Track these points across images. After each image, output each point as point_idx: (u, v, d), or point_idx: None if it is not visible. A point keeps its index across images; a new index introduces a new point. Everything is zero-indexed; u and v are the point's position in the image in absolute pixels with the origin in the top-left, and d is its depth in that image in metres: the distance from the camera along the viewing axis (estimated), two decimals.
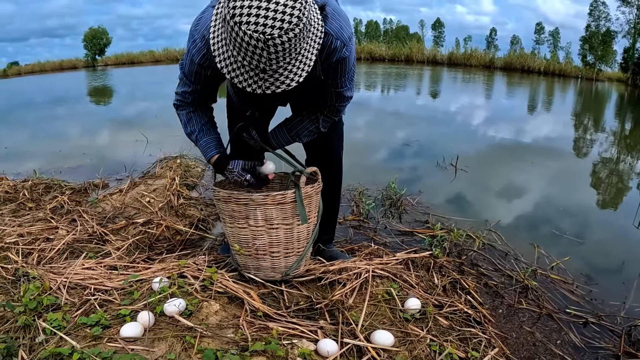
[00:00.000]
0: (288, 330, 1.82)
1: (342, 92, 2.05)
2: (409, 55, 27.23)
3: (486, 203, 4.05)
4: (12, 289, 2.10)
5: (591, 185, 4.93)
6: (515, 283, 2.59)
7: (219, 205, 2.14)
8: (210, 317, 1.84)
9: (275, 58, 1.51)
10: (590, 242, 3.27)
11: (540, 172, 5.15)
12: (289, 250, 2.13)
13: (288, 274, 2.16)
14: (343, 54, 1.86)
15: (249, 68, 1.56)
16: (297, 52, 1.56)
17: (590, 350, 2.09)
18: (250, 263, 2.16)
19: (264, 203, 1.99)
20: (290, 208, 2.03)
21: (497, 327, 2.18)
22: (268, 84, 1.59)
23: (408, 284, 2.25)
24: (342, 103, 2.13)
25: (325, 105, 2.13)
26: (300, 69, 1.61)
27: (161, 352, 1.60)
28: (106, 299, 1.97)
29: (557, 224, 3.51)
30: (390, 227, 3.33)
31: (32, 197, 3.71)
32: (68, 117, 9.31)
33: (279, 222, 2.05)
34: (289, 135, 2.24)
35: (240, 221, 2.07)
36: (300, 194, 2.00)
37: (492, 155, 5.84)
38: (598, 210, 4.13)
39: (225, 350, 1.59)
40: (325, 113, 2.17)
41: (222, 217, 2.18)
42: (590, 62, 25.42)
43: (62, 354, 1.54)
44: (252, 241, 2.10)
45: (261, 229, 2.06)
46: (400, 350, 1.76)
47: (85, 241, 2.83)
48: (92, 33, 32.78)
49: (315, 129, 2.20)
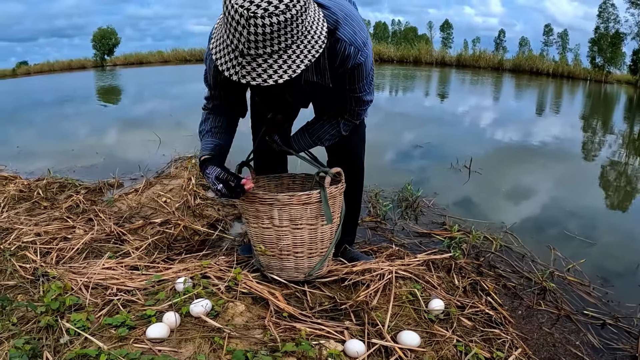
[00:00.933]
0: (314, 331, 1.82)
1: (361, 97, 2.04)
2: (418, 56, 27.20)
3: (501, 205, 4.06)
4: (31, 289, 2.12)
5: (603, 187, 4.93)
6: (534, 285, 2.61)
7: (242, 206, 2.13)
8: (236, 317, 1.84)
9: (255, 41, 1.47)
10: (605, 245, 3.28)
11: (553, 174, 5.16)
12: (312, 251, 2.13)
13: (311, 274, 2.17)
14: (358, 60, 1.85)
15: (230, 49, 1.55)
16: (280, 47, 1.51)
17: (609, 351, 2.11)
18: (274, 263, 2.17)
19: (290, 203, 1.98)
20: (315, 208, 2.04)
21: (518, 328, 2.20)
22: (245, 72, 1.55)
23: (430, 285, 2.26)
24: (362, 107, 2.12)
25: (346, 109, 2.12)
26: (282, 68, 1.55)
27: (189, 353, 1.61)
28: (129, 300, 1.97)
29: (571, 226, 3.52)
30: (408, 228, 3.34)
31: (46, 196, 3.74)
32: (78, 116, 9.34)
33: (303, 222, 2.05)
34: (310, 140, 2.24)
35: (265, 221, 2.06)
36: (325, 194, 2.00)
37: (504, 157, 5.84)
38: (612, 212, 4.14)
39: (255, 352, 1.60)
40: (345, 117, 2.15)
41: (245, 217, 2.17)
42: (599, 64, 25.35)
43: (88, 355, 1.53)
44: (276, 241, 2.09)
45: (285, 229, 2.06)
46: (426, 350, 1.77)
47: (103, 241, 2.85)
48: (101, 33, 32.94)
49: (337, 132, 2.20)
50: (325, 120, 2.20)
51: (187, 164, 4.43)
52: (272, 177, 2.54)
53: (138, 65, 30.15)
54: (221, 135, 2.13)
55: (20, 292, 2.11)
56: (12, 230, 2.89)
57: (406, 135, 6.93)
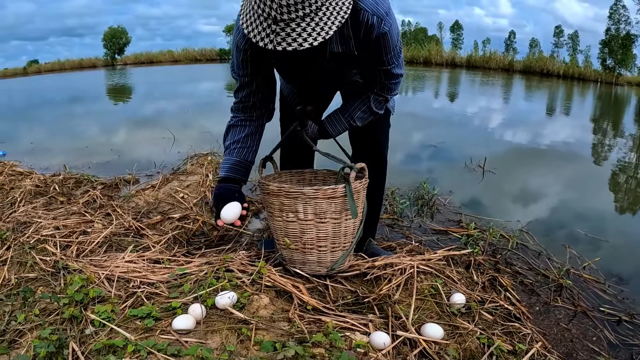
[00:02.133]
0: (339, 324, 1.84)
1: (390, 69, 2.04)
2: (428, 57, 27.17)
3: (515, 204, 4.08)
4: (52, 281, 2.14)
5: (615, 190, 4.92)
6: (550, 282, 2.64)
7: (267, 199, 2.14)
8: (261, 310, 1.85)
9: (287, 5, 1.50)
10: (618, 245, 3.29)
11: (565, 175, 5.17)
12: (335, 245, 2.14)
13: (333, 268, 2.18)
14: (382, 29, 1.85)
15: (262, 19, 1.57)
16: (312, 9, 1.54)
17: (625, 347, 2.13)
18: (297, 257, 2.18)
19: (315, 197, 2.00)
20: (341, 202, 2.04)
21: (536, 324, 2.23)
22: (280, 39, 1.57)
23: (451, 280, 2.29)
24: (392, 81, 2.12)
25: (376, 83, 2.13)
26: (315, 31, 1.58)
27: (216, 344, 1.61)
28: (153, 292, 1.99)
29: (584, 226, 3.53)
30: (425, 226, 3.36)
31: (62, 192, 3.78)
32: (90, 114, 9.41)
33: (328, 216, 2.06)
34: (343, 119, 2.25)
35: (290, 215, 2.07)
36: (350, 188, 2.00)
37: (516, 158, 5.84)
38: (624, 214, 4.15)
39: (284, 342, 1.61)
40: (376, 91, 2.16)
41: (269, 210, 2.18)
42: (610, 65, 25.19)
43: (115, 345, 1.54)
44: (300, 235, 2.10)
45: (310, 223, 2.06)
46: (450, 343, 1.79)
47: (122, 235, 2.87)
48: (112, 32, 33.09)
49: (368, 109, 2.20)
50: (354, 103, 2.23)
51: (203, 161, 4.46)
52: (295, 172, 2.56)
53: (148, 65, 30.26)
54: (241, 151, 2.16)
55: (40, 284, 2.14)
56: (30, 224, 2.93)
57: (419, 135, 6.95)
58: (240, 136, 2.16)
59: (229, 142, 2.17)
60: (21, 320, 1.78)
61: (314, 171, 2.58)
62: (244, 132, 2.17)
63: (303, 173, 2.58)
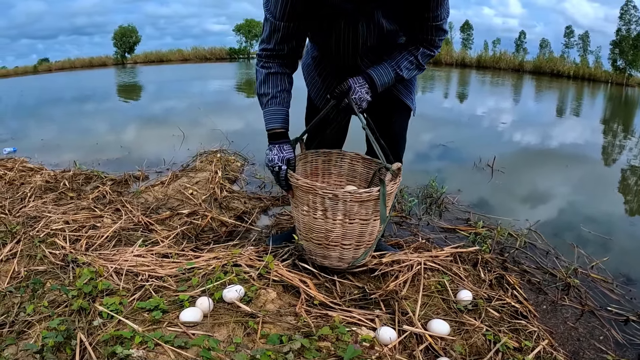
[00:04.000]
0: (346, 319, 1.86)
1: (441, 25, 1.98)
2: (438, 57, 27.02)
3: (524, 204, 4.08)
4: (61, 274, 2.17)
5: (628, 190, 4.90)
6: (558, 281, 2.64)
7: (295, 192, 2.10)
8: (268, 304, 1.87)
9: None
10: (628, 245, 3.29)
11: (574, 176, 5.15)
12: (360, 243, 2.11)
13: (354, 264, 2.17)
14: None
15: None
16: None
17: (632, 346, 2.13)
18: (318, 251, 2.16)
19: (349, 200, 1.95)
20: (372, 205, 1.99)
21: (543, 322, 2.23)
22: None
23: (458, 277, 2.30)
24: (441, 37, 2.05)
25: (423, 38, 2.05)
26: None
27: (223, 337, 1.63)
28: (161, 285, 2.01)
29: (593, 226, 3.52)
30: (433, 224, 3.36)
31: (72, 187, 3.83)
32: (100, 112, 9.48)
33: (357, 217, 2.01)
34: (389, 66, 2.09)
35: (318, 212, 2.03)
36: (384, 191, 1.93)
37: (525, 158, 5.82)
38: (636, 214, 4.13)
39: (290, 336, 1.62)
40: (425, 45, 2.07)
41: (295, 203, 2.14)
42: (621, 66, 25.04)
43: (123, 336, 1.57)
44: (325, 233, 2.07)
45: (338, 223, 2.02)
46: (456, 339, 1.80)
47: (131, 230, 2.91)
48: (122, 31, 33.15)
49: (415, 59, 2.10)
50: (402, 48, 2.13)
51: (212, 158, 4.48)
52: (322, 152, 2.51)
53: (158, 63, 30.35)
54: (285, 102, 2.09)
55: (50, 277, 2.17)
56: (40, 218, 2.97)
57: (428, 135, 6.93)
58: (286, 86, 2.10)
59: (275, 90, 2.07)
60: (30, 312, 1.81)
61: (341, 152, 2.54)
62: (287, 81, 2.11)
63: (330, 154, 2.53)
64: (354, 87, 2.05)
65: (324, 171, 2.53)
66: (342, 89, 2.06)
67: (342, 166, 2.53)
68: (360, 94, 2.05)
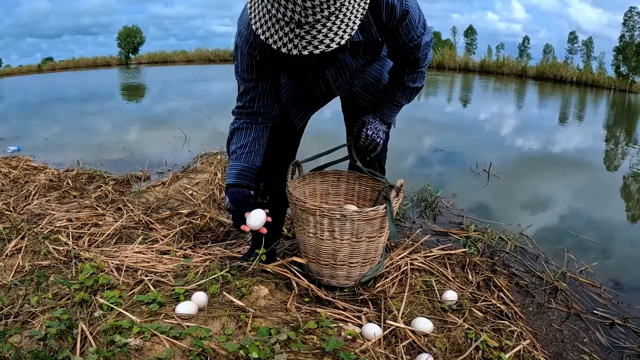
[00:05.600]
0: (334, 315, 1.93)
1: (420, 42, 1.91)
2: (441, 61, 26.96)
3: (518, 208, 4.13)
4: (64, 269, 2.26)
5: (622, 197, 4.94)
6: (545, 284, 2.68)
7: (299, 215, 2.09)
8: (260, 300, 1.95)
9: (312, 7, 1.39)
10: (620, 252, 3.34)
11: (572, 182, 5.19)
12: (366, 260, 2.13)
13: (361, 281, 2.20)
14: (404, 6, 1.74)
15: (283, 23, 1.45)
16: (336, 6, 1.42)
17: (616, 349, 2.17)
18: (325, 271, 2.16)
19: (357, 219, 1.96)
20: (379, 222, 2.01)
21: (528, 323, 2.28)
22: (305, 43, 1.46)
23: (445, 277, 2.37)
24: (423, 52, 1.98)
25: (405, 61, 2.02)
26: (341, 28, 1.47)
27: (216, 329, 1.72)
28: (160, 280, 2.10)
29: (587, 232, 3.57)
30: (426, 227, 3.42)
31: (75, 186, 3.92)
32: (103, 112, 9.57)
33: (365, 235, 2.03)
34: (388, 103, 2.18)
35: (325, 234, 2.03)
36: (391, 208, 1.97)
37: (523, 163, 5.86)
38: (629, 222, 4.15)
39: (278, 330, 1.71)
40: (407, 70, 2.05)
41: (300, 226, 2.13)
42: (624, 73, 24.96)
43: (122, 326, 1.66)
44: (332, 253, 2.07)
45: (345, 242, 2.03)
46: (439, 336, 1.87)
47: (132, 228, 2.99)
48: (126, 32, 33.26)
49: (405, 88, 2.11)
50: (390, 81, 2.16)
51: (212, 160, 4.55)
52: (318, 173, 2.52)
53: (162, 64, 30.38)
54: (248, 156, 2.03)
55: (53, 272, 2.26)
56: (44, 215, 3.07)
57: (428, 140, 6.98)
58: (247, 140, 2.04)
59: (235, 146, 2.04)
60: (34, 303, 1.90)
61: (337, 172, 2.56)
62: (250, 136, 2.05)
63: (326, 174, 2.54)
64: (367, 120, 2.19)
65: (322, 192, 2.55)
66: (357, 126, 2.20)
67: (340, 186, 2.55)
68: (375, 124, 2.19)
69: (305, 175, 2.45)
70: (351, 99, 2.31)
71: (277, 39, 1.49)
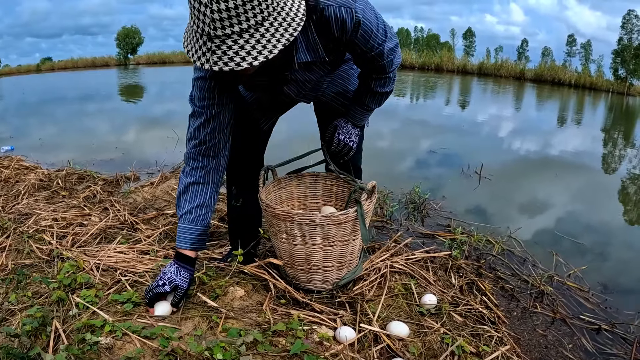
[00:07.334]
0: (308, 317, 1.92)
1: (382, 50, 1.84)
2: (439, 64, 27.06)
3: (508, 211, 4.11)
4: (46, 268, 2.29)
5: (616, 200, 4.90)
6: (531, 287, 2.65)
7: (272, 221, 2.05)
8: (235, 301, 1.95)
9: (220, 20, 1.34)
10: (610, 255, 3.31)
11: (564, 185, 5.18)
12: (342, 264, 2.12)
13: (339, 285, 2.17)
14: (355, 18, 1.66)
15: (197, 35, 1.41)
16: (250, 24, 1.38)
17: (602, 356, 2.13)
18: (301, 275, 2.15)
19: (326, 224, 1.93)
20: (350, 226, 1.98)
21: (511, 328, 2.24)
22: (216, 58, 1.40)
23: (426, 281, 2.35)
24: (388, 58, 1.91)
25: (369, 69, 1.97)
26: (256, 49, 1.41)
27: (187, 330, 1.74)
28: (137, 280, 2.11)
29: (577, 235, 3.54)
30: (412, 229, 3.39)
31: (65, 186, 3.94)
32: (100, 112, 9.61)
33: (337, 239, 2.00)
34: (359, 108, 2.14)
35: (297, 239, 2.00)
36: (362, 212, 1.93)
37: (517, 166, 5.86)
38: (622, 225, 4.12)
39: (248, 330, 1.71)
40: (373, 76, 2.00)
41: (273, 232, 2.10)
42: (622, 75, 25.00)
43: (94, 325, 1.67)
44: (306, 258, 2.06)
45: (318, 246, 2.00)
46: (414, 341, 1.85)
47: (116, 228, 3.00)
48: (125, 32, 33.35)
49: (374, 93, 2.07)
50: (359, 86, 2.12)
51: None
52: (294, 176, 2.49)
53: (161, 65, 30.42)
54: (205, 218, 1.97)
55: (35, 270, 2.28)
56: (31, 215, 3.09)
57: (422, 142, 6.98)
58: (204, 199, 1.96)
59: (191, 206, 1.93)
60: (13, 301, 1.92)
61: (314, 174, 2.52)
62: (207, 194, 1.97)
63: (303, 176, 2.51)
64: (339, 124, 2.19)
65: (299, 195, 2.53)
66: (330, 131, 2.20)
67: (317, 187, 2.53)
68: (347, 128, 2.19)
69: (280, 179, 2.43)
70: (322, 102, 2.30)
71: (194, 52, 1.46)
